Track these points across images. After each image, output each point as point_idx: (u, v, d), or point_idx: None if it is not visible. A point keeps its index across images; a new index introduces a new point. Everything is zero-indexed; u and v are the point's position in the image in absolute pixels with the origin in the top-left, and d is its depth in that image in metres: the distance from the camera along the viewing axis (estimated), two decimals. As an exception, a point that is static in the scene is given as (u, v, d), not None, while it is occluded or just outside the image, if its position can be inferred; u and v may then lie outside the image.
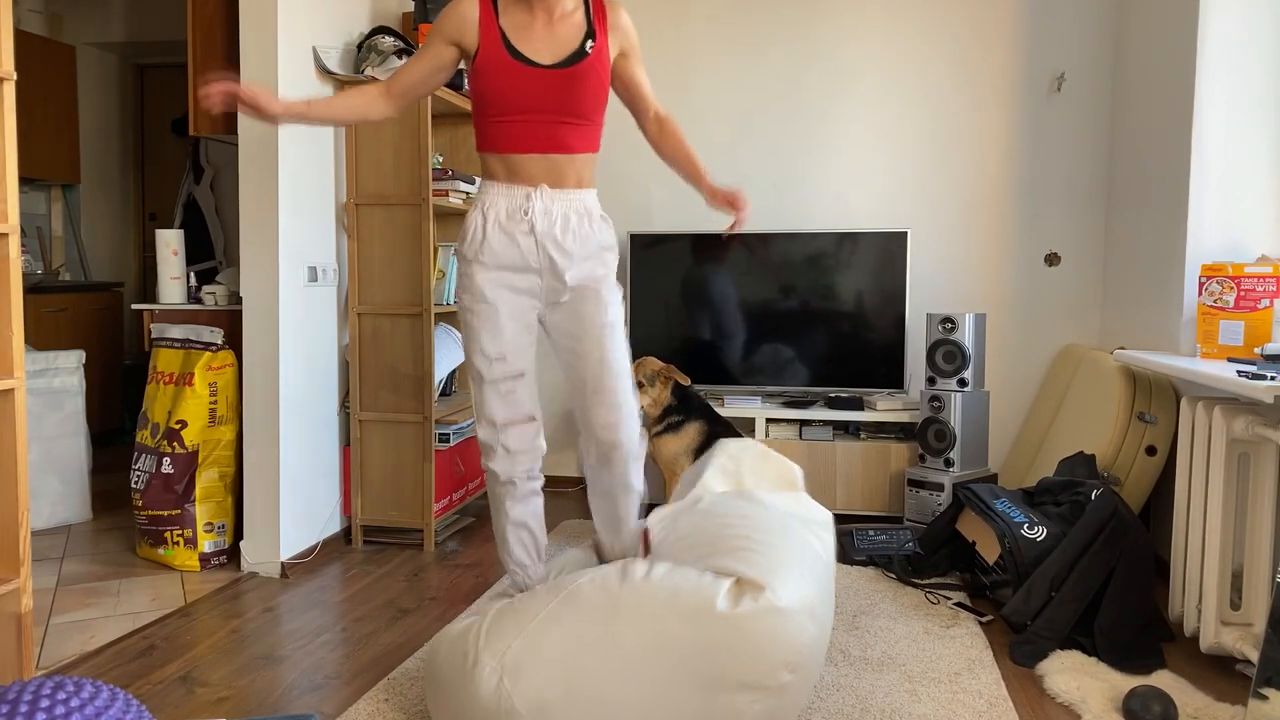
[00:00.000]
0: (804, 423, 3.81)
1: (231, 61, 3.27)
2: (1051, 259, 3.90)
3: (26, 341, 4.46)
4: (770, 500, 2.17)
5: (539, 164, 2.00)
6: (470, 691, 1.82)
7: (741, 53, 4.08)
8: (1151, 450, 2.98)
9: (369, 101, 2.05)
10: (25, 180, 5.21)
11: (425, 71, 2.05)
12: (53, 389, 3.63)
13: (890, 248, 3.78)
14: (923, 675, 2.33)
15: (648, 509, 2.32)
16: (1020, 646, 2.44)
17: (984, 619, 2.70)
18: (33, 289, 4.69)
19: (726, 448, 2.43)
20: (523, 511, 2.16)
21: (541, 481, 2.21)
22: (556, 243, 2.02)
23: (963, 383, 3.50)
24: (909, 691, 2.24)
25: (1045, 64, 3.86)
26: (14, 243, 1.86)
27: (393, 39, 3.37)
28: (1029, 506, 2.80)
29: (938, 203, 3.98)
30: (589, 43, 2.00)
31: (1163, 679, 2.25)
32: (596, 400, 2.08)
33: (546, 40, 1.98)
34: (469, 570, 3.16)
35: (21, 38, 4.88)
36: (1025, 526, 2.66)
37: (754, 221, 4.10)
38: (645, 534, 2.18)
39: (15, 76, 1.81)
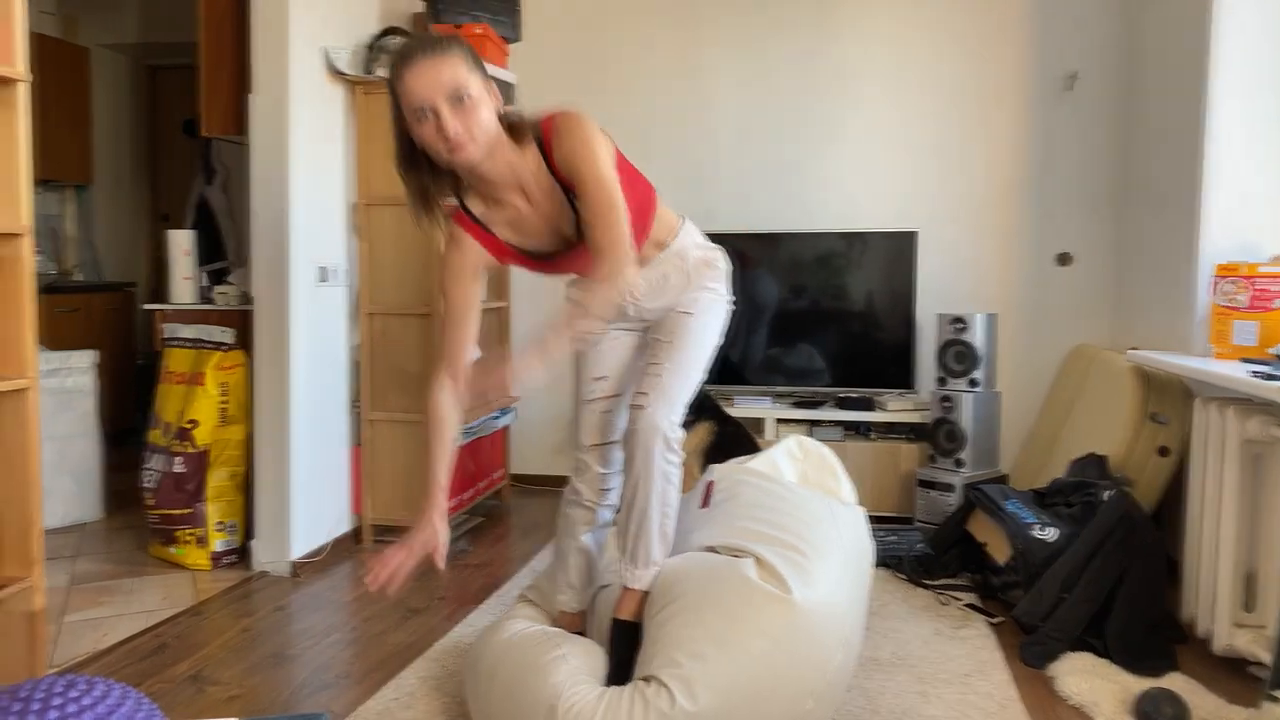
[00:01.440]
0: (814, 423, 3.80)
1: (243, 61, 3.28)
2: (1063, 259, 3.88)
3: (40, 341, 4.49)
4: (838, 513, 2.20)
5: None
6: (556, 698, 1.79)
7: (749, 53, 4.08)
8: (1164, 451, 2.96)
9: (449, 408, 1.86)
10: (39, 181, 5.24)
11: (468, 325, 1.84)
12: (66, 389, 3.66)
13: (900, 248, 3.77)
14: (933, 676, 2.32)
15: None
16: (1031, 648, 2.42)
17: (994, 620, 2.69)
18: (46, 289, 4.72)
19: (800, 441, 2.56)
20: (591, 541, 2.12)
21: (615, 514, 2.13)
22: (656, 301, 2.02)
23: (974, 383, 3.49)
24: (919, 693, 2.23)
25: (1056, 63, 3.84)
26: (28, 243, 1.87)
27: (402, 40, 3.38)
28: (1040, 507, 2.79)
29: (948, 202, 3.97)
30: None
31: (1175, 681, 2.24)
32: (643, 372, 1.98)
33: (544, 225, 1.82)
34: (479, 570, 3.17)
35: (36, 40, 4.91)
36: (1036, 527, 2.65)
37: (763, 222, 4.09)
38: (708, 488, 2.20)
39: (30, 78, 1.83)
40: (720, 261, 2.07)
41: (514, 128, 1.73)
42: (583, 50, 4.21)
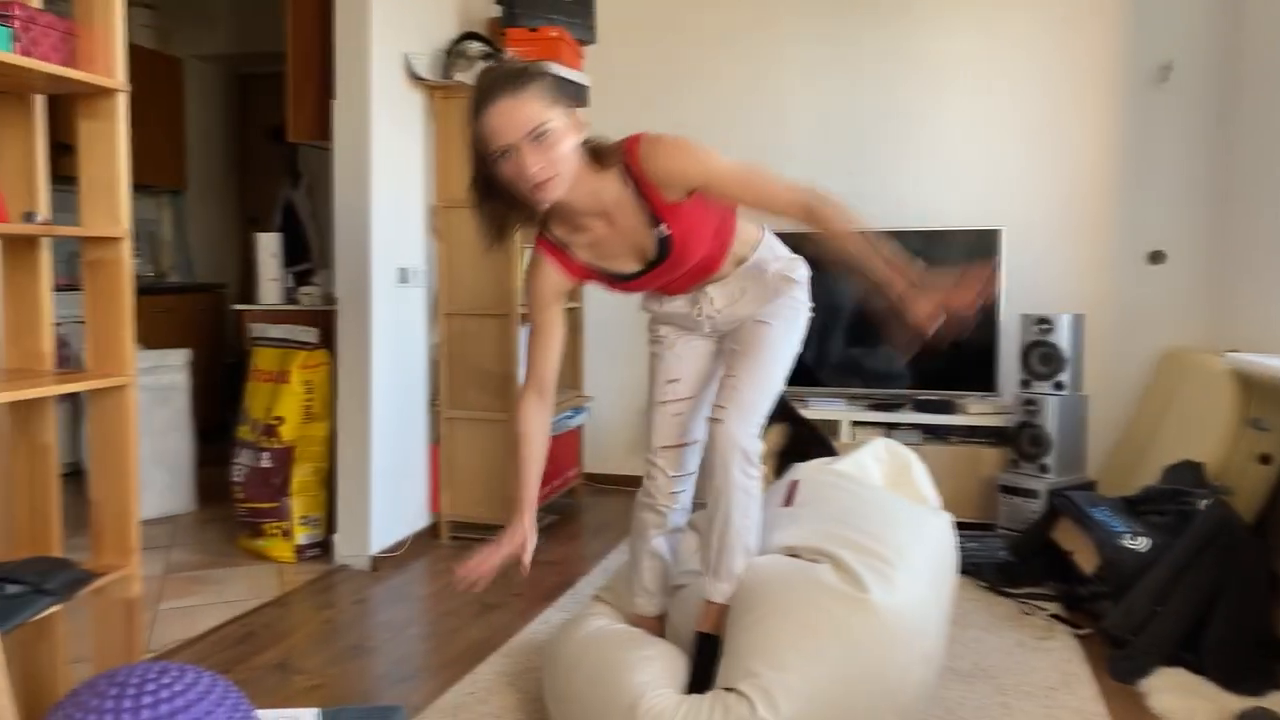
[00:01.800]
0: (891, 426, 3.72)
1: (328, 69, 3.38)
2: (1155, 257, 3.72)
3: (137, 340, 4.69)
4: (923, 519, 2.17)
5: (686, 295, 2.00)
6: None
7: (828, 47, 4.02)
8: (1266, 459, 2.82)
9: (537, 423, 1.86)
10: (137, 187, 5.47)
11: (552, 344, 1.88)
12: (161, 386, 3.81)
13: (983, 246, 3.66)
14: (1015, 688, 2.25)
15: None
16: (1121, 662, 2.33)
17: (1081, 632, 2.59)
18: (144, 290, 4.92)
19: (886, 444, 2.53)
20: (664, 544, 2.12)
21: (688, 517, 2.14)
22: (732, 309, 2.00)
23: (1059, 385, 3.38)
24: (1001, 705, 2.16)
25: (1150, 53, 3.69)
26: (127, 246, 1.95)
27: (480, 44, 3.43)
28: (1130, 516, 2.68)
29: (1033, 199, 3.85)
30: (660, 228, 1.78)
31: (1276, 701, 2.12)
32: (721, 382, 1.97)
33: (623, 245, 1.82)
34: (552, 568, 3.19)
35: (133, 51, 5.12)
36: (1126, 536, 2.55)
37: (840, 220, 4.03)
38: (791, 487, 2.17)
39: (129, 88, 1.91)
40: (800, 271, 2.03)
41: (597, 153, 1.75)
42: (658, 50, 4.21)
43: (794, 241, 2.16)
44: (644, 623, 2.14)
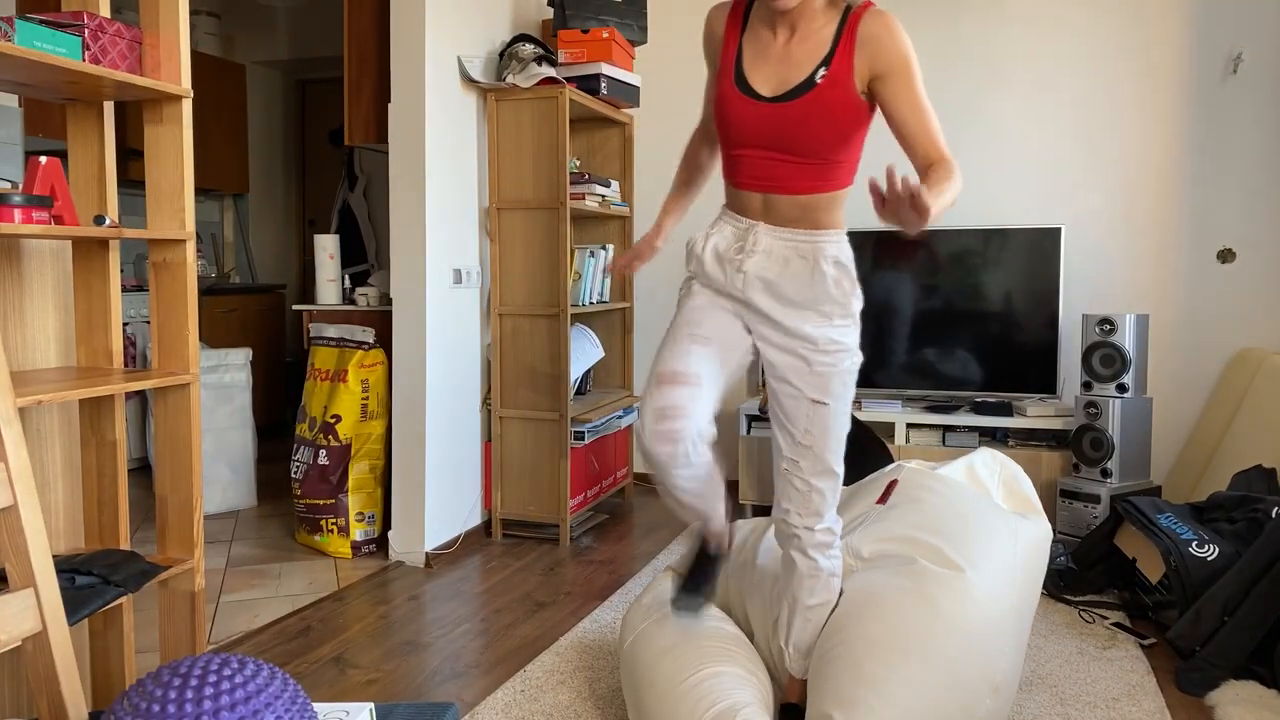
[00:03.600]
0: (947, 428, 3.66)
1: (384, 73, 3.43)
2: (1225, 255, 3.60)
3: (201, 340, 4.82)
4: (1018, 529, 2.12)
5: (758, 201, 1.78)
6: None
7: (882, 46, 3.96)
8: (1343, 465, 2.71)
9: (703, 155, 2.03)
10: (201, 190, 5.64)
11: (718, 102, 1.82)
12: (223, 384, 3.91)
13: (1043, 244, 3.58)
14: (1076, 698, 2.19)
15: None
16: (1188, 674, 2.26)
17: (1146, 642, 2.52)
18: (207, 291, 5.07)
19: (992, 454, 2.47)
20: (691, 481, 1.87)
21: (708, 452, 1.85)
22: (768, 283, 1.78)
23: (1122, 388, 3.28)
24: (1061, 715, 2.11)
25: (1219, 43, 3.57)
26: (190, 248, 2.01)
27: (533, 46, 3.45)
28: (1198, 523, 2.59)
29: (1095, 196, 3.75)
30: (821, 70, 1.68)
31: (1356, 718, 2.04)
32: (781, 473, 1.85)
33: (781, 65, 1.73)
34: (603, 566, 3.20)
35: (198, 58, 5.29)
36: (1194, 544, 2.47)
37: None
38: (890, 486, 2.14)
39: (192, 94, 1.96)
40: (854, 297, 1.80)
41: None
42: (709, 50, 4.19)
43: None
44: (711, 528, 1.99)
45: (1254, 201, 3.56)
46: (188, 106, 1.96)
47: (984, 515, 2.10)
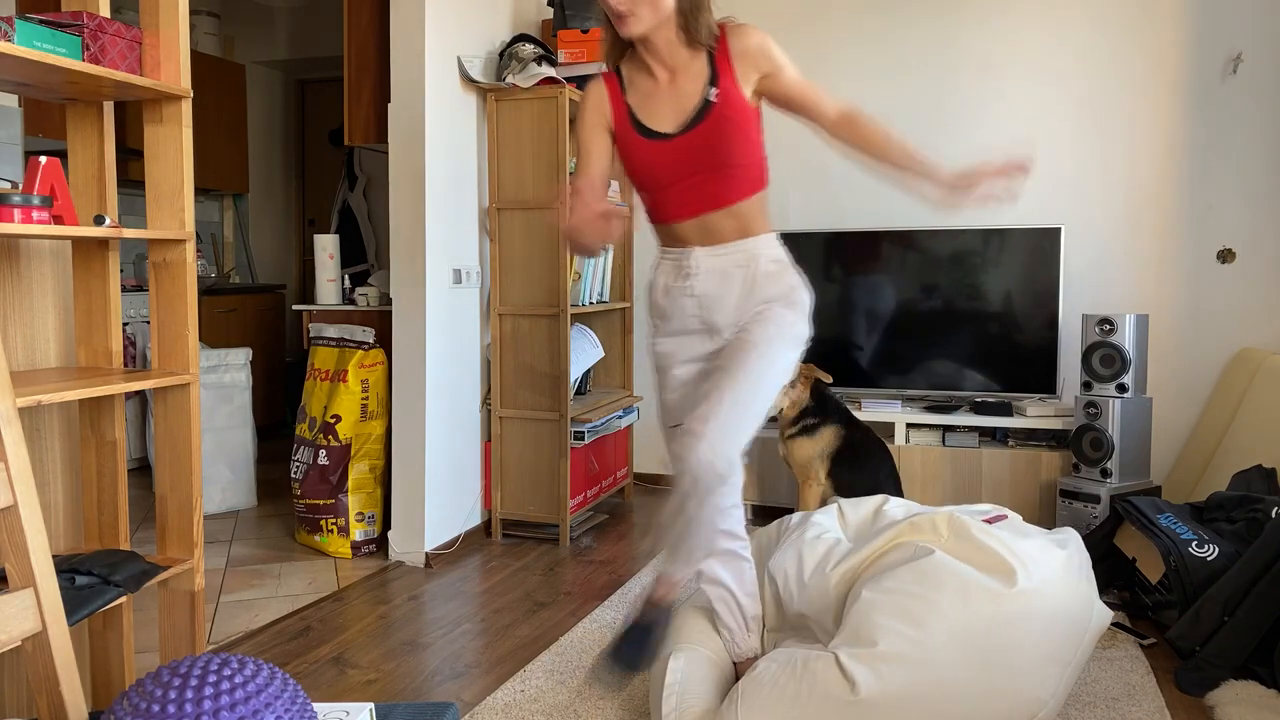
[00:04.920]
0: (947, 428, 3.66)
1: (383, 73, 3.43)
2: (1225, 255, 3.60)
3: (201, 340, 4.82)
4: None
5: (692, 227, 1.89)
6: None
7: (881, 41, 3.97)
8: (1343, 465, 2.71)
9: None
10: (201, 190, 5.64)
11: (606, 161, 1.94)
12: (223, 384, 3.91)
13: (1042, 244, 3.58)
14: (1076, 699, 2.19)
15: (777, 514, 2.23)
16: (1188, 674, 2.26)
17: (1146, 642, 2.52)
18: (206, 291, 5.07)
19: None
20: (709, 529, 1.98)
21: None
22: (715, 300, 1.90)
23: (1122, 388, 3.28)
24: (1061, 714, 2.11)
25: (1219, 44, 3.57)
26: (190, 249, 2.01)
27: (533, 46, 3.45)
28: (1198, 523, 2.59)
29: (1095, 196, 3.75)
30: (712, 90, 1.84)
31: (1356, 718, 2.04)
32: (702, 399, 1.81)
33: (672, 101, 1.86)
34: (602, 566, 3.20)
35: (197, 58, 5.29)
36: (1194, 544, 2.47)
37: (895, 218, 3.98)
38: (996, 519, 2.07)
39: (192, 94, 1.96)
40: (800, 289, 1.91)
41: (689, 28, 1.84)
42: (709, 50, 4.19)
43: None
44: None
45: (1254, 201, 3.56)
46: (188, 106, 1.96)
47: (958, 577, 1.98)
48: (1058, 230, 3.56)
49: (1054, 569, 1.91)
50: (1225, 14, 3.55)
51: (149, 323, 3.21)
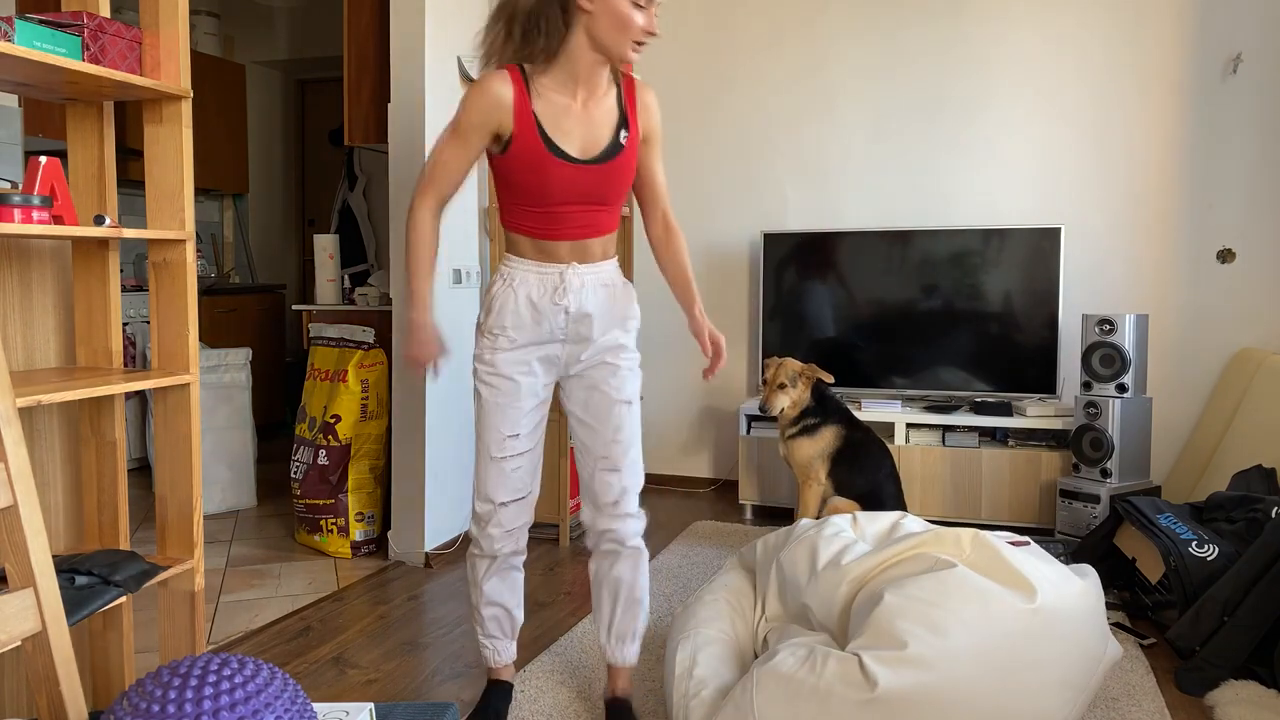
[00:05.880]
0: (947, 428, 3.66)
1: (383, 73, 3.43)
2: (1225, 255, 3.60)
3: (200, 340, 4.82)
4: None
5: (567, 247, 1.96)
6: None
7: (880, 42, 3.97)
8: (1343, 465, 2.71)
9: (432, 233, 1.97)
10: (200, 190, 5.64)
11: (464, 169, 1.95)
12: (223, 384, 3.91)
13: (1042, 245, 3.58)
14: (1076, 698, 2.19)
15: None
16: (1188, 674, 2.26)
17: (1145, 642, 2.52)
18: (206, 291, 5.07)
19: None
20: (498, 587, 2.07)
21: (524, 556, 2.11)
22: (586, 315, 1.97)
23: (1122, 388, 3.29)
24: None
25: (1218, 44, 3.57)
26: (190, 249, 2.01)
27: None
28: (1197, 523, 2.60)
29: (1095, 197, 3.75)
30: (623, 133, 1.91)
31: (1356, 718, 2.04)
32: (605, 466, 2.01)
33: (581, 127, 1.88)
34: (602, 567, 3.20)
35: (197, 58, 5.29)
36: (1194, 544, 2.47)
37: (895, 218, 3.98)
38: (1020, 543, 2.07)
39: (192, 94, 1.95)
40: (636, 310, 2.08)
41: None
42: (710, 45, 4.20)
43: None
44: (503, 672, 2.14)
45: (1254, 201, 3.56)
46: (187, 106, 1.96)
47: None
48: (1057, 230, 3.56)
49: (1073, 595, 1.92)
50: (1225, 14, 3.55)
51: (149, 323, 3.21)
